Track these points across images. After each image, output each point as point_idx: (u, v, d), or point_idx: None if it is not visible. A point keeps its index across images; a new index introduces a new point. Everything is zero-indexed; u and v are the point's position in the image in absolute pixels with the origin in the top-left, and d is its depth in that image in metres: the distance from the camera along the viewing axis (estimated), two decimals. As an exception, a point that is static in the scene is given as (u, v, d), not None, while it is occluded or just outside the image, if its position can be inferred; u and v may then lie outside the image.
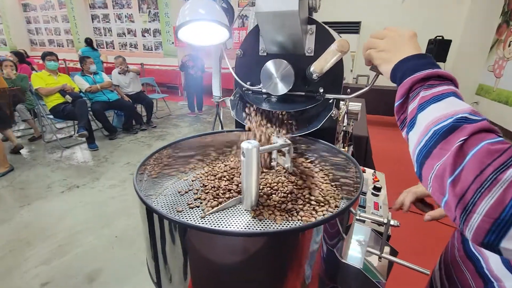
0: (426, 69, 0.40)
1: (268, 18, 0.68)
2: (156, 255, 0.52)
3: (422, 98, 0.38)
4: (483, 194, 0.28)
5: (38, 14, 9.83)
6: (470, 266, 0.53)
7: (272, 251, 0.44)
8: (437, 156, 0.33)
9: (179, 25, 0.60)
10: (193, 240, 0.45)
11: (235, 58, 0.86)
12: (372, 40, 0.51)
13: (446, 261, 0.61)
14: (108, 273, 1.68)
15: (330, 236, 0.48)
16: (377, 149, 2.51)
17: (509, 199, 0.26)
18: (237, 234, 0.42)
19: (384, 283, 0.60)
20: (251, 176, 0.57)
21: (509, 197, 0.26)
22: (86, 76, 3.91)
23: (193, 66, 5.12)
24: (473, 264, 0.52)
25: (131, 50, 8.62)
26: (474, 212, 0.28)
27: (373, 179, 1.09)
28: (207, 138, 0.85)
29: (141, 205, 0.50)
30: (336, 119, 0.81)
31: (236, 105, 0.89)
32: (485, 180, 0.28)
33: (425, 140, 0.35)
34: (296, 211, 0.60)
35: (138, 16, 8.14)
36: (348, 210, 0.48)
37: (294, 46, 0.74)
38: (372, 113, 4.31)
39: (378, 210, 0.91)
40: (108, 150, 3.64)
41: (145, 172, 0.66)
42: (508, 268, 0.44)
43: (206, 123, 5.00)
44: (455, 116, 0.33)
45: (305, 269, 0.47)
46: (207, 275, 0.48)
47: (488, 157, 0.28)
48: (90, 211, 2.32)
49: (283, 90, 0.75)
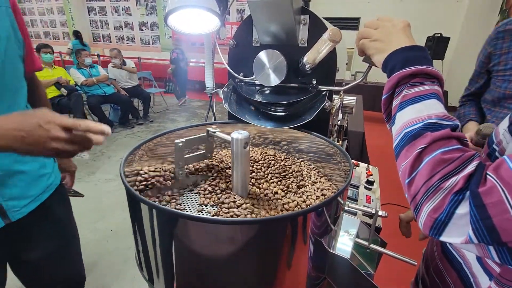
0: (415, 65, 0.41)
1: (260, 8, 0.67)
2: (145, 247, 0.52)
3: (403, 97, 0.40)
4: (428, 197, 0.32)
5: (33, 5, 9.65)
6: (445, 261, 0.54)
7: (259, 240, 0.44)
8: (403, 158, 0.37)
9: (169, 11, 0.58)
10: (179, 228, 0.45)
11: (228, 49, 0.85)
12: (366, 30, 0.51)
13: (427, 254, 0.62)
14: (103, 266, 1.69)
15: (318, 226, 0.48)
16: (373, 145, 2.52)
17: (445, 205, 0.31)
18: (222, 222, 0.42)
19: (373, 274, 0.60)
20: (241, 167, 0.57)
21: (446, 203, 0.31)
22: (82, 69, 3.86)
23: (182, 59, 5.74)
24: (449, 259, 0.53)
25: (128, 44, 8.51)
26: (422, 211, 0.33)
27: (366, 173, 1.09)
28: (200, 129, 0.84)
29: (127, 195, 0.49)
30: (329, 111, 0.80)
31: (229, 97, 0.88)
32: (431, 186, 0.32)
33: (398, 140, 0.39)
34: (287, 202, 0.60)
35: (135, 9, 8.02)
36: (335, 200, 0.48)
37: (287, 36, 0.73)
38: (369, 109, 4.31)
39: (370, 204, 0.91)
40: (104, 144, 3.62)
41: (134, 161, 0.65)
42: (480, 265, 0.45)
43: (202, 118, 4.97)
44: (425, 121, 0.36)
45: (292, 259, 0.47)
46: (192, 264, 0.48)
47: (438, 165, 0.32)
48: (85, 205, 2.31)
49: (276, 81, 0.74)
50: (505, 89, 0.89)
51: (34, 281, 0.87)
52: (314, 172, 0.76)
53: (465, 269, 0.48)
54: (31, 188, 0.74)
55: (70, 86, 3.63)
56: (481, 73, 1.01)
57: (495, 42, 0.92)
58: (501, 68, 0.90)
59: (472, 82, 1.06)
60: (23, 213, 0.72)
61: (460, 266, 0.50)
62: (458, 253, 0.51)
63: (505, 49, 0.89)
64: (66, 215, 0.91)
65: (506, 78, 0.88)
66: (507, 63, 0.88)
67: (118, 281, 1.59)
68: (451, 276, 0.52)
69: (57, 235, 0.86)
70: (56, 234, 0.86)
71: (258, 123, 0.80)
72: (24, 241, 0.78)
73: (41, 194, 0.77)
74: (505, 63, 0.89)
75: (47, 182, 0.79)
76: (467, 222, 0.29)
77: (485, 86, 1.01)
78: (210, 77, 0.92)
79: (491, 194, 0.28)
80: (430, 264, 0.59)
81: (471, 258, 0.47)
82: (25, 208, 0.72)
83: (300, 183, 0.68)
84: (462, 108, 1.10)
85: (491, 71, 0.96)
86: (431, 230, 0.32)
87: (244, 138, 0.56)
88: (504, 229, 0.27)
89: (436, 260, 0.57)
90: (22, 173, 0.71)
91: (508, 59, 0.88)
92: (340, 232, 0.63)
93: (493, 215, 0.28)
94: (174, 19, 0.64)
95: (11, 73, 0.65)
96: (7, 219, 0.69)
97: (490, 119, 0.96)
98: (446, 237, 0.32)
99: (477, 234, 0.29)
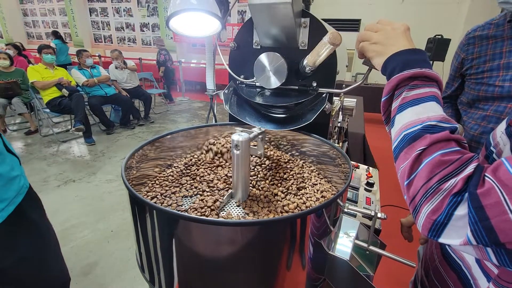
0: (414, 67, 0.41)
1: (261, 10, 0.67)
2: (146, 248, 0.52)
3: (403, 99, 0.40)
4: (427, 199, 0.33)
5: (35, 6, 9.70)
6: (444, 263, 0.54)
7: (259, 241, 0.44)
8: (402, 159, 0.37)
9: (170, 14, 0.59)
10: (180, 229, 0.45)
11: (229, 50, 0.85)
12: (365, 33, 0.51)
13: (426, 257, 0.63)
14: (104, 266, 1.69)
15: (317, 227, 0.48)
16: (374, 146, 2.52)
17: (444, 207, 0.31)
18: (223, 224, 0.42)
19: (372, 276, 0.60)
20: (242, 169, 0.57)
21: (445, 205, 0.31)
22: (83, 70, 3.88)
23: (168, 59, 6.01)
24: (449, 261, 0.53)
25: (129, 45, 8.54)
26: (420, 212, 0.34)
27: (366, 175, 1.09)
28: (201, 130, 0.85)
29: (129, 196, 0.49)
30: (329, 113, 0.80)
31: (229, 99, 0.88)
32: (430, 188, 0.32)
33: (397, 142, 0.39)
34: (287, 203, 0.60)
35: (136, 11, 8.05)
36: (334, 202, 0.48)
37: (287, 39, 0.74)
38: (370, 111, 4.31)
39: (370, 205, 0.91)
40: (105, 144, 3.63)
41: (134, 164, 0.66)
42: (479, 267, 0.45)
43: (203, 119, 4.98)
44: (424, 123, 0.36)
45: (292, 260, 0.48)
46: (193, 266, 0.48)
47: (437, 167, 0.32)
48: (86, 206, 2.32)
49: (276, 83, 0.74)
50: (478, 91, 0.92)
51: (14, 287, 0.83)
52: (314, 174, 0.76)
53: (465, 271, 0.48)
54: (6, 191, 0.74)
55: (71, 87, 3.65)
56: (456, 76, 1.05)
57: (467, 48, 0.95)
58: (474, 72, 0.93)
59: (448, 85, 1.10)
60: (3, 217, 0.72)
61: (459, 268, 0.50)
62: (457, 256, 0.51)
63: (476, 53, 0.92)
64: (40, 217, 0.90)
65: (478, 81, 0.92)
66: (479, 67, 0.92)
67: (119, 282, 1.59)
68: (451, 278, 0.52)
69: (34, 238, 0.85)
70: (33, 237, 0.84)
71: (259, 125, 0.81)
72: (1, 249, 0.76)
73: (15, 197, 0.77)
74: (477, 67, 0.92)
75: (19, 185, 0.80)
76: (466, 223, 0.30)
77: (460, 89, 1.05)
78: (211, 79, 0.93)
79: (489, 196, 0.28)
80: (430, 266, 0.59)
81: (471, 260, 0.47)
82: (2, 212, 0.72)
83: (300, 185, 0.69)
84: None
85: (465, 75, 0.99)
86: (430, 231, 0.33)
87: (245, 140, 0.56)
88: (502, 230, 0.28)
89: (435, 262, 0.57)
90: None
91: (480, 63, 0.91)
92: (339, 234, 0.63)
93: (491, 216, 0.28)
94: (175, 22, 0.64)
95: None
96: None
97: (466, 120, 0.99)
98: (445, 239, 0.32)
99: (476, 235, 0.29)
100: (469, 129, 0.97)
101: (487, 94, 0.89)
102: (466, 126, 0.99)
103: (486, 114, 0.91)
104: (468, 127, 0.97)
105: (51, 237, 0.93)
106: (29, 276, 0.84)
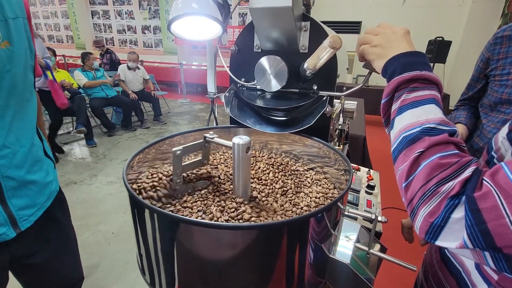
0: (414, 70, 0.41)
1: (262, 14, 0.68)
2: (146, 251, 0.52)
3: (402, 102, 0.40)
4: (424, 201, 0.33)
5: (37, 9, 9.78)
6: (444, 268, 0.54)
7: (259, 245, 0.45)
8: (401, 161, 0.37)
9: (172, 19, 0.60)
10: (180, 232, 0.45)
11: (230, 53, 0.86)
12: (366, 36, 0.52)
13: (425, 262, 0.62)
14: (105, 268, 1.69)
15: (318, 231, 0.48)
16: (374, 148, 2.52)
17: (441, 209, 0.31)
18: (223, 227, 0.42)
19: (373, 279, 0.60)
20: (243, 171, 0.57)
21: (442, 208, 0.31)
22: (86, 71, 3.91)
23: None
24: (448, 266, 0.53)
25: (131, 47, 8.59)
26: (418, 215, 0.34)
27: (367, 177, 1.09)
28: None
29: (130, 199, 0.50)
30: (330, 116, 0.81)
31: (230, 102, 0.89)
32: (428, 190, 0.32)
33: (396, 144, 0.39)
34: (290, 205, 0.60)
35: (138, 13, 8.11)
36: (335, 205, 0.48)
37: (288, 42, 0.74)
38: (371, 113, 4.31)
39: (371, 208, 0.91)
40: (107, 146, 3.64)
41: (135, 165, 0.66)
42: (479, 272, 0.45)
43: (204, 121, 4.99)
44: (423, 126, 0.36)
45: (292, 264, 0.48)
46: (194, 269, 0.48)
47: (435, 170, 0.32)
48: (87, 208, 2.32)
49: (277, 86, 0.75)
50: (501, 93, 0.89)
51: (36, 283, 0.88)
52: (315, 176, 0.76)
53: (464, 277, 0.48)
54: (38, 197, 0.75)
55: (73, 89, 3.67)
56: (479, 78, 1.02)
57: (494, 48, 0.93)
58: (499, 73, 0.91)
59: (470, 86, 1.07)
60: (31, 221, 0.73)
61: (459, 274, 0.49)
62: (457, 261, 0.51)
63: (503, 54, 0.90)
64: (66, 219, 0.93)
65: (503, 83, 0.89)
66: (504, 68, 0.89)
67: (119, 284, 1.59)
68: (450, 283, 0.51)
69: (59, 239, 0.88)
70: (58, 238, 0.88)
71: (259, 128, 0.81)
72: (28, 248, 0.79)
73: (46, 201, 0.79)
74: (503, 68, 0.89)
75: (50, 189, 0.81)
76: (462, 226, 0.30)
77: (483, 90, 1.02)
78: (212, 82, 0.93)
79: (486, 199, 0.28)
80: (429, 271, 0.59)
81: (470, 266, 0.47)
82: (32, 216, 0.73)
83: (300, 188, 0.69)
84: (455, 112, 1.12)
85: (489, 76, 0.96)
86: (427, 234, 0.33)
87: (245, 143, 0.56)
88: (498, 234, 0.28)
89: (435, 267, 0.57)
90: (32, 183, 0.72)
91: (506, 64, 0.88)
92: (340, 237, 0.63)
93: (488, 220, 0.28)
94: (177, 26, 0.65)
95: (25, 84, 0.66)
96: (18, 228, 0.70)
97: (486, 123, 0.96)
98: (442, 242, 0.32)
99: (472, 238, 0.29)
100: (487, 133, 0.94)
101: (510, 97, 0.86)
102: (484, 129, 0.96)
103: (506, 118, 0.88)
104: (487, 130, 0.94)
105: (73, 240, 0.97)
106: (55, 272, 0.89)
